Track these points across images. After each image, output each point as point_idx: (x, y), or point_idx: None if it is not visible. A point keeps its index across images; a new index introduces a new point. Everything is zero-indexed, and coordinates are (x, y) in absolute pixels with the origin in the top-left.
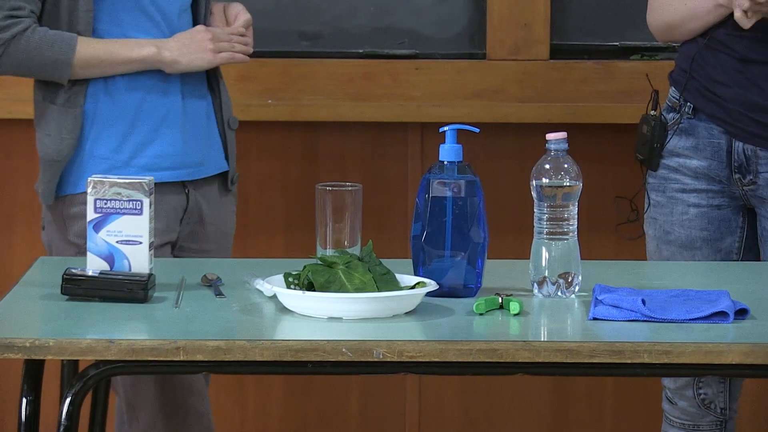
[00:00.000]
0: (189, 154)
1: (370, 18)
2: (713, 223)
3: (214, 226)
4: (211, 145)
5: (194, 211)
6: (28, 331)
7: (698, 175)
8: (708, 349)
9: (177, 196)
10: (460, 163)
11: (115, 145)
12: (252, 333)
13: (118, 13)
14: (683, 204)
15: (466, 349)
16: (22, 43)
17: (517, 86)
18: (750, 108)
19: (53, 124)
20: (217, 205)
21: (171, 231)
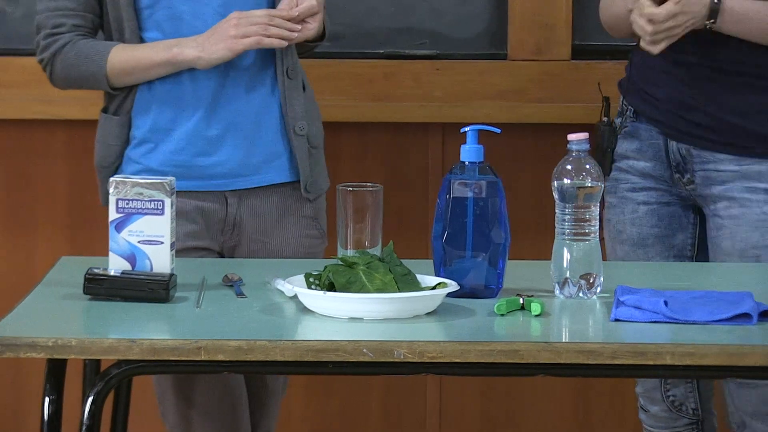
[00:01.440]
0: (228, 164)
1: (390, 18)
2: (663, 220)
3: (266, 245)
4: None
5: (237, 222)
6: (50, 331)
7: (645, 175)
8: (731, 350)
9: (211, 202)
10: (481, 163)
11: (145, 150)
12: (273, 333)
13: (158, 23)
14: (633, 203)
15: (487, 350)
16: (62, 59)
17: (539, 87)
18: (680, 107)
19: (101, 131)
20: (274, 222)
21: (202, 238)
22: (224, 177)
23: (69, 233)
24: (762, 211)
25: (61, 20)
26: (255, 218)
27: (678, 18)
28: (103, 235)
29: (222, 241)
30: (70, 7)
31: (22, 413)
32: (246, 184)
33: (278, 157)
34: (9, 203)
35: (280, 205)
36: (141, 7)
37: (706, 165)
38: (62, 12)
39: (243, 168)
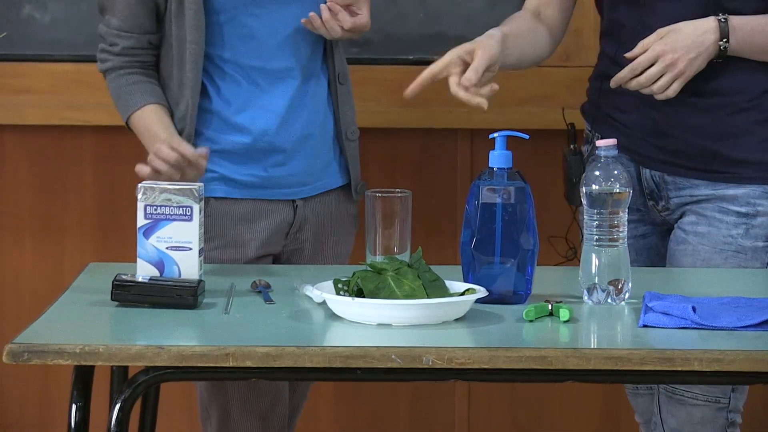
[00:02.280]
0: (298, 175)
1: (419, 24)
2: (641, 254)
3: (325, 246)
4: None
5: (303, 226)
6: (78, 337)
7: None
8: (759, 356)
9: (284, 208)
10: (510, 169)
11: (217, 159)
12: (301, 339)
13: (229, 39)
14: None
15: (515, 356)
16: (107, 81)
17: (568, 92)
18: (649, 133)
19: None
20: (332, 225)
21: (273, 244)
22: (293, 186)
23: (97, 239)
24: (729, 234)
25: (115, 40)
26: (317, 220)
27: (666, 57)
28: (131, 241)
29: (284, 244)
30: (124, 28)
31: (50, 420)
32: (311, 192)
33: (334, 162)
34: (38, 209)
35: (335, 207)
36: (211, 25)
37: (681, 191)
38: (117, 32)
39: (309, 176)
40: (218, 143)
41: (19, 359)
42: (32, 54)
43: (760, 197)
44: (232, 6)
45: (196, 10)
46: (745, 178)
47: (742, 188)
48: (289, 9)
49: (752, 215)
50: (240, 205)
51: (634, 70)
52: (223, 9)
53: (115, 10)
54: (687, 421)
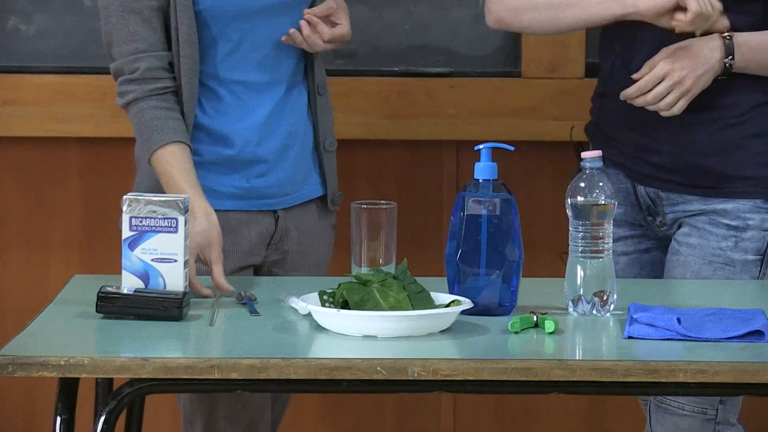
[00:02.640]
0: (279, 185)
1: (405, 36)
2: (645, 268)
3: (306, 256)
4: (304, 170)
5: (284, 236)
6: (62, 350)
7: (618, 222)
8: (744, 368)
9: (265, 219)
10: (495, 181)
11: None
12: (287, 351)
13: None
14: (613, 254)
15: (500, 368)
16: (130, 113)
17: (553, 104)
18: (642, 150)
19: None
20: (312, 234)
21: (255, 255)
22: (275, 196)
23: (82, 251)
24: (719, 246)
25: (135, 65)
26: (297, 230)
27: (674, 75)
28: (116, 253)
29: (265, 255)
30: (142, 49)
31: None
32: (292, 202)
33: (313, 173)
34: (23, 220)
35: (315, 217)
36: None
37: (675, 207)
38: (135, 56)
39: (290, 187)
40: (201, 155)
41: (4, 371)
42: (17, 66)
43: (750, 211)
44: (221, 21)
45: (189, 24)
46: (736, 193)
47: (732, 202)
48: (274, 22)
49: (742, 228)
50: (222, 217)
51: (642, 88)
52: (213, 24)
53: (131, 33)
54: (674, 430)
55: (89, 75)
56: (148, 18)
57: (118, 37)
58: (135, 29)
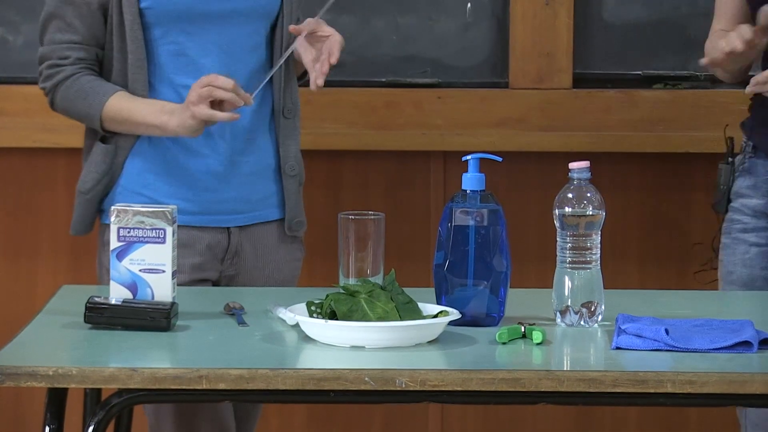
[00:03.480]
0: (230, 202)
1: (393, 47)
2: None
3: (262, 271)
4: (262, 191)
5: (238, 252)
6: (51, 360)
7: (757, 213)
8: (732, 378)
9: (217, 235)
10: (483, 191)
11: (151, 182)
12: (274, 362)
13: (161, 55)
14: (745, 244)
15: (488, 378)
16: (62, 91)
17: (540, 115)
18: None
19: (93, 157)
20: (272, 252)
21: (208, 269)
22: (229, 213)
23: (70, 261)
24: None
25: (66, 53)
26: (253, 248)
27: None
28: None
29: (221, 270)
30: (75, 40)
31: None
32: (246, 221)
33: (274, 195)
34: (11, 231)
35: (274, 235)
36: (148, 39)
37: None
38: (68, 45)
39: (245, 205)
40: (146, 161)
41: None
42: (4, 76)
43: None
44: (165, 21)
45: (132, 21)
46: None
47: None
48: (224, 30)
49: None
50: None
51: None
52: (158, 23)
53: (68, 24)
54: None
55: None
56: (87, 13)
57: (54, 25)
58: (71, 21)
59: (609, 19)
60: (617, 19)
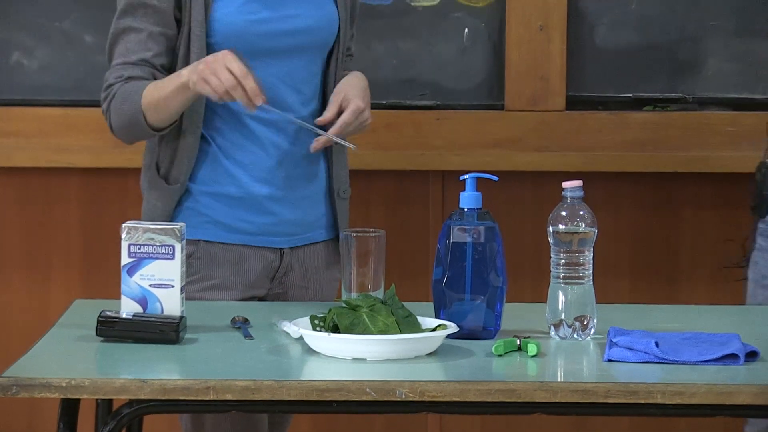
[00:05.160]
0: (285, 224)
1: (393, 70)
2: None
3: (309, 291)
4: (314, 213)
5: (288, 272)
6: (64, 371)
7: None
8: (719, 390)
9: (270, 255)
10: (480, 209)
11: (213, 205)
12: (279, 373)
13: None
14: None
15: (485, 389)
16: (113, 106)
17: (535, 136)
18: None
19: (154, 192)
20: (318, 272)
21: (259, 287)
22: (284, 235)
23: (83, 277)
24: None
25: (121, 72)
26: (301, 268)
27: None
28: (115, 279)
29: (270, 288)
30: (130, 62)
31: None
32: (298, 242)
33: (324, 217)
34: (25, 247)
35: (321, 257)
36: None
37: None
38: (122, 66)
39: (298, 227)
40: (212, 186)
41: (8, 393)
42: (20, 99)
43: None
44: None
45: (199, 54)
46: None
47: None
48: (284, 63)
49: None
50: (229, 249)
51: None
52: None
53: (128, 50)
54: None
55: (89, 108)
56: (154, 40)
57: (119, 49)
58: (133, 47)
59: (601, 44)
60: (609, 44)
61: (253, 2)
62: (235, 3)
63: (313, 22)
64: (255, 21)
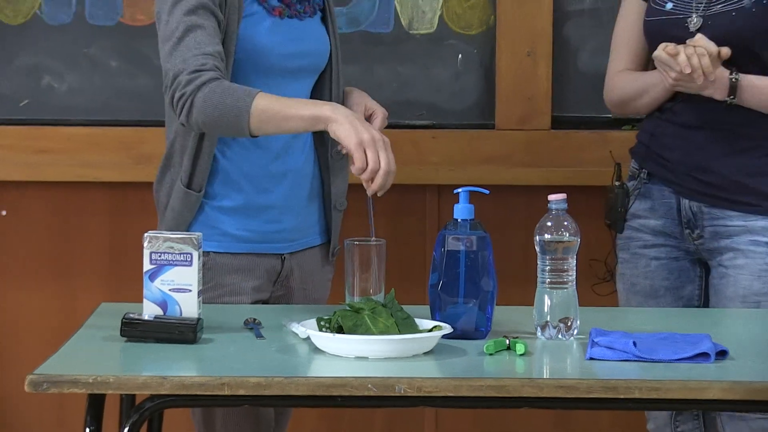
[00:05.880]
0: (286, 232)
1: (393, 92)
2: (673, 273)
3: (306, 291)
4: (310, 221)
5: (288, 276)
6: (91, 369)
7: (656, 232)
8: (692, 386)
9: (272, 261)
10: (472, 220)
11: (222, 218)
12: (288, 370)
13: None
14: (645, 258)
15: (477, 385)
16: (205, 94)
17: (523, 153)
18: (692, 168)
19: (176, 202)
20: (313, 274)
21: (264, 291)
22: (282, 241)
23: (108, 282)
24: (764, 262)
25: (204, 60)
26: (300, 271)
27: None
28: (138, 284)
29: (272, 291)
30: (208, 52)
31: None
32: (297, 247)
33: (317, 224)
34: (55, 255)
35: (316, 260)
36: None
37: (715, 221)
38: (203, 56)
39: (297, 234)
40: (221, 201)
41: (39, 388)
42: (51, 119)
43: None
44: (251, 74)
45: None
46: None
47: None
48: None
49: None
50: (237, 258)
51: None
52: (244, 75)
53: (198, 42)
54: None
55: (114, 127)
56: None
57: (185, 44)
58: (201, 40)
59: (583, 69)
60: (590, 69)
61: (273, 24)
62: (260, 23)
63: (314, 47)
64: (275, 42)
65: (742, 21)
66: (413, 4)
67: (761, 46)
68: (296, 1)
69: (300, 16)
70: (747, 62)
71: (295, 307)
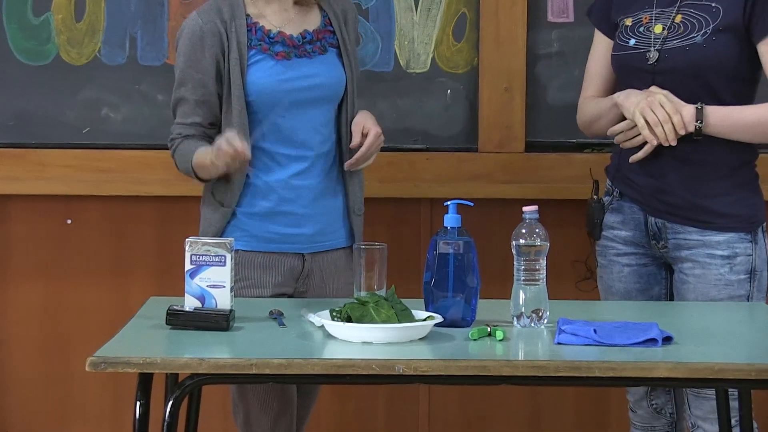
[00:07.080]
0: (306, 235)
1: (393, 122)
2: (643, 277)
3: (326, 288)
4: (333, 226)
5: (309, 275)
6: (141, 352)
7: (627, 242)
8: (643, 366)
9: (294, 260)
10: (460, 228)
11: (251, 223)
12: (306, 353)
13: (263, 133)
14: (619, 265)
15: (463, 366)
16: (176, 156)
17: (501, 172)
18: (657, 191)
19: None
20: (334, 275)
21: (286, 286)
22: (303, 243)
23: (156, 279)
24: (719, 273)
25: (180, 129)
26: (320, 272)
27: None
28: (181, 281)
29: (295, 287)
30: (188, 123)
31: (120, 414)
32: (318, 249)
33: (341, 229)
34: (113, 257)
35: (338, 261)
36: (251, 121)
37: (677, 235)
38: (182, 126)
39: (317, 237)
40: (250, 208)
41: (98, 368)
42: (108, 143)
43: (737, 242)
44: (266, 110)
45: (240, 111)
46: (726, 228)
47: (723, 235)
48: (307, 112)
49: (733, 256)
50: (260, 256)
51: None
52: (260, 111)
53: (186, 112)
54: (711, 412)
55: (161, 150)
56: (203, 104)
57: (180, 112)
58: (192, 110)
59: (552, 102)
60: (558, 101)
61: (279, 66)
62: (265, 67)
63: (326, 80)
64: (282, 80)
65: (695, 54)
66: (410, 47)
67: (713, 78)
68: (305, 42)
69: (310, 56)
70: (702, 94)
71: (312, 301)
